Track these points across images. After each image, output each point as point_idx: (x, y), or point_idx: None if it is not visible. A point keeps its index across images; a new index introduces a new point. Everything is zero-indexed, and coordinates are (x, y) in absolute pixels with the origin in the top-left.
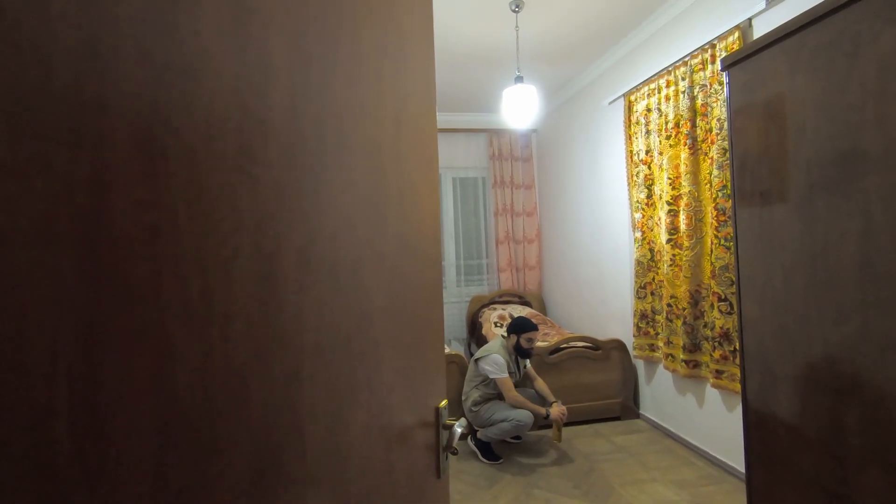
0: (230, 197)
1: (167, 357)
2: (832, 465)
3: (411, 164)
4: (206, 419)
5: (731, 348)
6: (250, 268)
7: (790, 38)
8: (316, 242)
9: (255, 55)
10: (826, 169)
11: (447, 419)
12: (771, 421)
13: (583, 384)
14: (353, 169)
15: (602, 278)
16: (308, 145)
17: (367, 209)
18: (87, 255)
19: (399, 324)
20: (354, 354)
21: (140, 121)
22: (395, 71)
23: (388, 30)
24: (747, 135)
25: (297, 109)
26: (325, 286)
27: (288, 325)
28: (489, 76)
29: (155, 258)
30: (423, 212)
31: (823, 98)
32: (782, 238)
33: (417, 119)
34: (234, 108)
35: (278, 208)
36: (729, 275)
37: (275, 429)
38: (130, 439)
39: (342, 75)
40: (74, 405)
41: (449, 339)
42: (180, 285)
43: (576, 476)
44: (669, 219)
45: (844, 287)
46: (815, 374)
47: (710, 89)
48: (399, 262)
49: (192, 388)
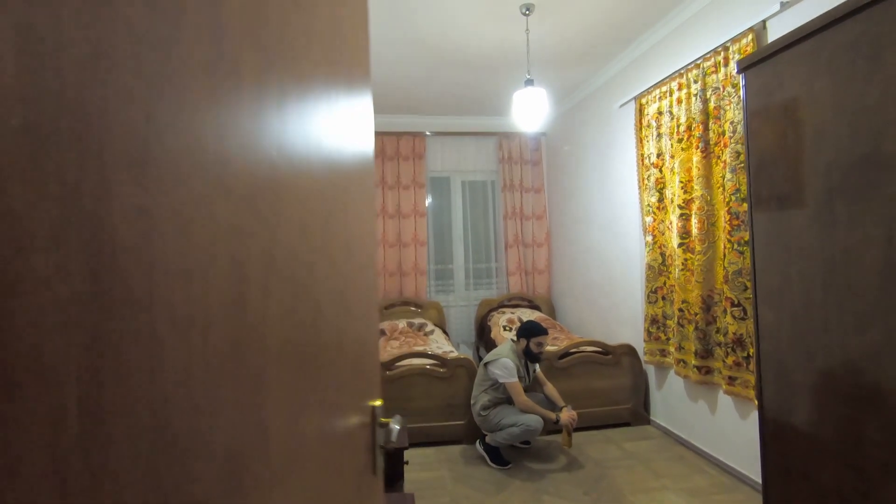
0: (208, 202)
1: (158, 360)
2: (853, 477)
3: (352, 167)
4: (190, 420)
5: (744, 354)
6: (225, 273)
7: (809, 41)
8: (278, 248)
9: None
10: (846, 173)
11: (381, 418)
12: (789, 431)
13: (593, 389)
14: (309, 174)
15: (612, 282)
16: (273, 161)
17: (319, 218)
18: (93, 260)
19: (343, 326)
20: (308, 356)
21: (133, 134)
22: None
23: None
24: (764, 138)
25: (261, 130)
26: (285, 291)
27: (255, 328)
28: (499, 79)
29: (150, 263)
30: (360, 220)
31: (844, 101)
32: (800, 243)
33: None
34: (211, 123)
35: (247, 216)
36: (742, 280)
37: (245, 430)
38: (129, 439)
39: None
40: (83, 406)
41: (457, 342)
42: (168, 290)
43: (586, 483)
44: (681, 223)
45: (866, 294)
46: (835, 383)
47: (724, 92)
48: (344, 266)
49: (178, 390)
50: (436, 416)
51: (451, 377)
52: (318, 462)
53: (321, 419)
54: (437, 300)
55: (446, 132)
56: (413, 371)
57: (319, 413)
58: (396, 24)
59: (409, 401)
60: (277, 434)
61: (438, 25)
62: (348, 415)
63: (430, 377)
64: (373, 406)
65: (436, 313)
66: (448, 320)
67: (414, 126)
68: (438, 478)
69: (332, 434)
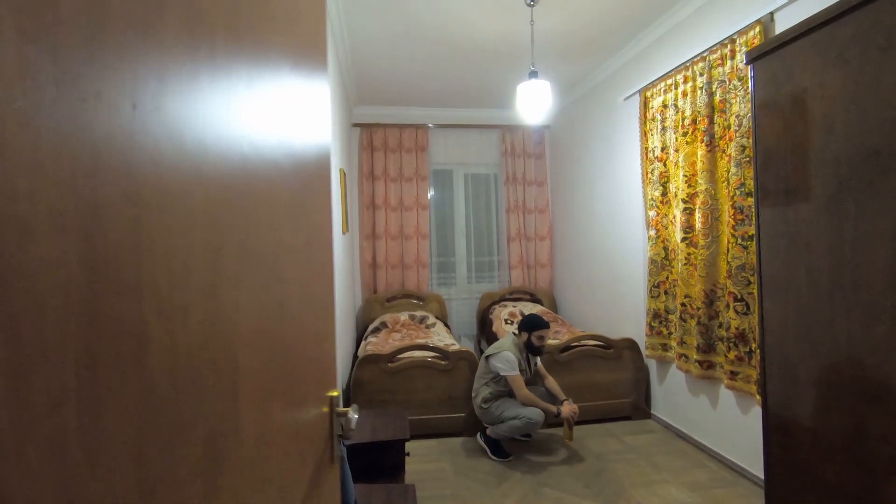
0: (188, 194)
1: (145, 344)
2: (858, 473)
3: (311, 163)
4: (173, 406)
5: (746, 349)
6: (202, 261)
7: (819, 31)
8: (250, 238)
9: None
10: (857, 166)
11: (339, 408)
12: (793, 426)
13: (594, 383)
14: (277, 169)
15: (615, 276)
16: (245, 155)
17: (285, 211)
18: (88, 247)
19: (305, 317)
20: (275, 346)
21: (122, 122)
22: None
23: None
24: (772, 131)
25: (232, 123)
26: (255, 281)
27: (230, 316)
28: (503, 71)
29: (137, 249)
30: (318, 215)
31: (855, 93)
32: (808, 237)
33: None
34: (192, 116)
35: (223, 206)
36: (745, 275)
37: (221, 416)
38: (120, 422)
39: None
40: (81, 391)
41: (458, 335)
42: (152, 276)
43: (586, 476)
44: (685, 217)
45: (874, 289)
46: (841, 379)
47: (730, 85)
48: (306, 258)
49: (163, 374)
50: (437, 408)
51: (452, 370)
52: (284, 448)
53: (286, 407)
54: (438, 293)
55: (449, 124)
56: (415, 363)
57: (284, 401)
58: (400, 16)
59: (410, 393)
60: (248, 420)
61: (442, 17)
62: (310, 403)
63: (431, 370)
64: (331, 396)
65: (437, 306)
66: (450, 313)
67: (417, 118)
68: (439, 469)
69: (295, 422)
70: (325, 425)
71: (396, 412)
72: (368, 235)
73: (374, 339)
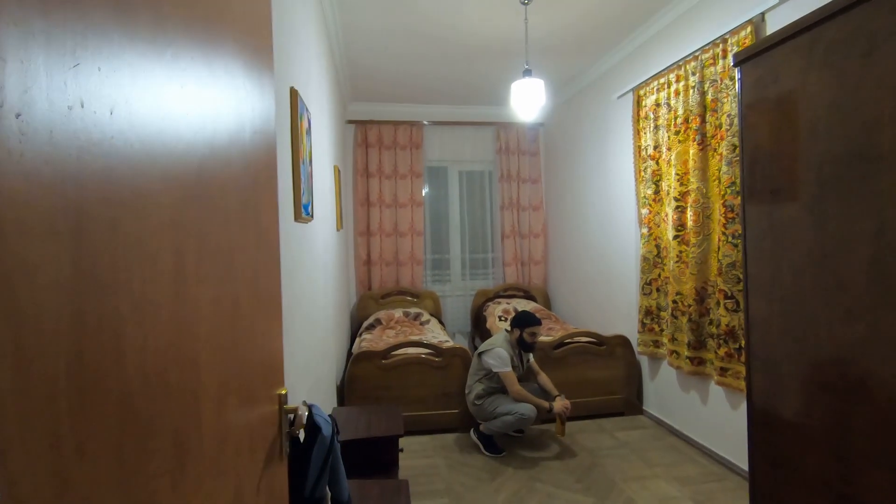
0: (155, 194)
1: (123, 340)
2: (838, 465)
3: (257, 157)
4: (145, 401)
5: (736, 346)
6: (169, 262)
7: (804, 35)
8: (207, 239)
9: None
10: (838, 168)
11: (287, 405)
12: (776, 420)
13: (587, 379)
14: (229, 177)
15: (607, 274)
16: (201, 151)
17: (237, 208)
18: (75, 248)
19: (256, 316)
20: (229, 343)
21: (99, 122)
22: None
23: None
24: (758, 131)
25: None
26: (213, 279)
27: (190, 314)
28: (497, 69)
29: (114, 248)
30: (267, 211)
31: (837, 96)
32: (792, 236)
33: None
34: (162, 118)
35: (186, 210)
36: (736, 272)
37: (185, 412)
38: (102, 417)
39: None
40: (71, 385)
41: (453, 332)
42: (127, 274)
43: (578, 471)
44: (676, 215)
45: (855, 287)
46: (823, 375)
47: (721, 84)
48: (255, 256)
49: (136, 370)
50: (431, 404)
51: (446, 366)
52: (239, 443)
53: (240, 404)
54: (433, 290)
55: (444, 121)
56: (409, 360)
57: (238, 398)
58: (395, 14)
59: (404, 389)
60: (208, 416)
61: (437, 15)
62: (260, 401)
63: (425, 366)
64: (279, 394)
65: (432, 303)
66: (444, 310)
67: (411, 115)
68: (433, 465)
69: (248, 418)
70: (274, 422)
71: (390, 408)
72: (363, 232)
73: (369, 335)
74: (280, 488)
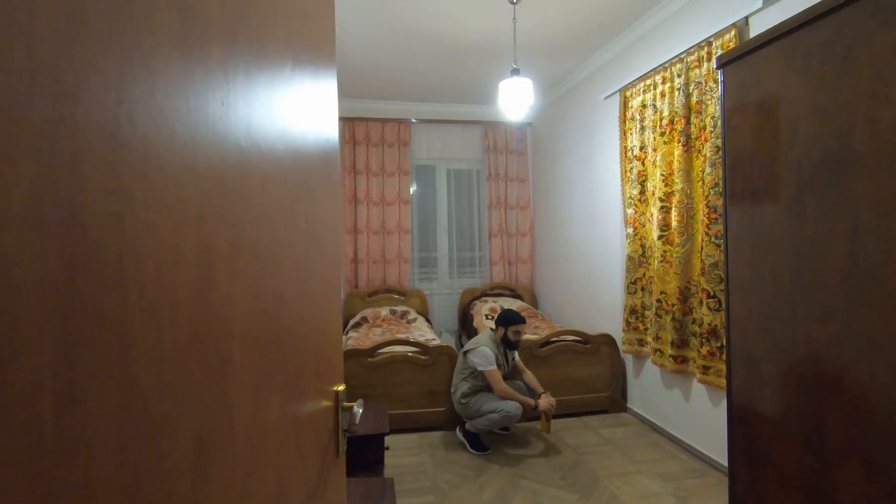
0: (178, 187)
1: (128, 339)
2: (813, 460)
3: (316, 155)
4: (157, 400)
5: (718, 345)
6: (193, 255)
7: (785, 39)
8: (244, 231)
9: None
10: (816, 169)
11: (345, 402)
12: (755, 417)
13: (572, 377)
14: (275, 171)
15: (593, 273)
16: (238, 136)
17: (284, 204)
18: (66, 241)
19: (306, 311)
20: (272, 340)
21: (106, 116)
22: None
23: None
24: (740, 134)
25: (229, 111)
26: (250, 276)
27: (222, 310)
28: (485, 68)
29: (119, 244)
30: (324, 208)
31: (816, 99)
32: (772, 237)
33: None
34: (181, 104)
35: (216, 200)
36: (718, 272)
37: (211, 411)
38: (99, 417)
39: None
40: (56, 385)
41: (440, 330)
42: (138, 270)
43: (562, 467)
44: (661, 215)
45: (830, 286)
46: (799, 372)
47: (706, 87)
48: (307, 252)
49: (146, 369)
50: (417, 402)
51: (432, 364)
52: (282, 443)
53: (285, 402)
54: (420, 288)
55: (432, 119)
56: (395, 358)
57: (283, 396)
58: (383, 11)
59: (391, 387)
60: (242, 415)
61: (426, 13)
62: (311, 398)
63: (412, 364)
64: (336, 390)
65: (419, 301)
66: (431, 308)
67: (399, 113)
68: (419, 463)
69: (295, 416)
70: (330, 420)
71: (376, 406)
72: (350, 230)
73: (355, 333)
74: (338, 489)
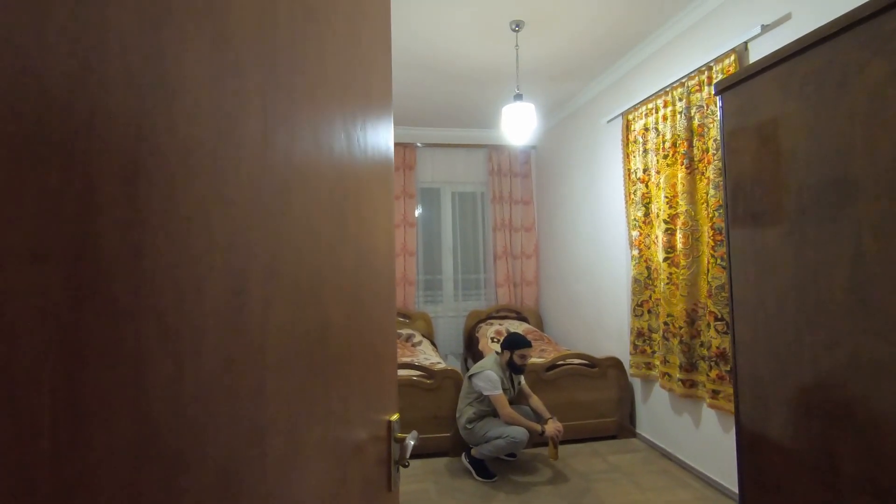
0: (204, 215)
1: (142, 371)
2: (824, 491)
3: (370, 179)
4: (175, 432)
5: (727, 368)
6: (221, 284)
7: (781, 65)
8: (281, 257)
9: (230, 81)
10: (816, 194)
11: (398, 433)
12: (764, 445)
13: (579, 402)
14: (318, 186)
15: (599, 295)
16: (277, 163)
17: (330, 223)
18: (74, 273)
19: (355, 338)
20: (313, 369)
21: (125, 142)
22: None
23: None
24: (741, 158)
25: (268, 139)
26: (288, 301)
27: (254, 339)
28: (489, 93)
29: (137, 275)
30: (379, 227)
31: (814, 124)
32: (774, 261)
33: (377, 127)
34: (210, 132)
35: (248, 226)
36: (725, 294)
37: (239, 443)
38: (107, 452)
39: (308, 108)
40: (57, 417)
41: (445, 353)
42: (156, 300)
43: (570, 495)
44: (666, 237)
45: (835, 312)
46: (808, 399)
47: (707, 111)
48: (357, 278)
49: (163, 400)
50: (422, 427)
51: (437, 389)
52: (323, 476)
53: (325, 433)
54: (425, 311)
55: (437, 143)
56: (400, 382)
57: (324, 427)
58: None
59: None
60: (275, 447)
61: (430, 40)
62: (358, 428)
63: (416, 388)
64: (389, 420)
65: (424, 324)
66: (436, 331)
67: (405, 137)
68: (423, 490)
69: (338, 449)
70: (380, 451)
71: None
72: None
73: None
74: None
